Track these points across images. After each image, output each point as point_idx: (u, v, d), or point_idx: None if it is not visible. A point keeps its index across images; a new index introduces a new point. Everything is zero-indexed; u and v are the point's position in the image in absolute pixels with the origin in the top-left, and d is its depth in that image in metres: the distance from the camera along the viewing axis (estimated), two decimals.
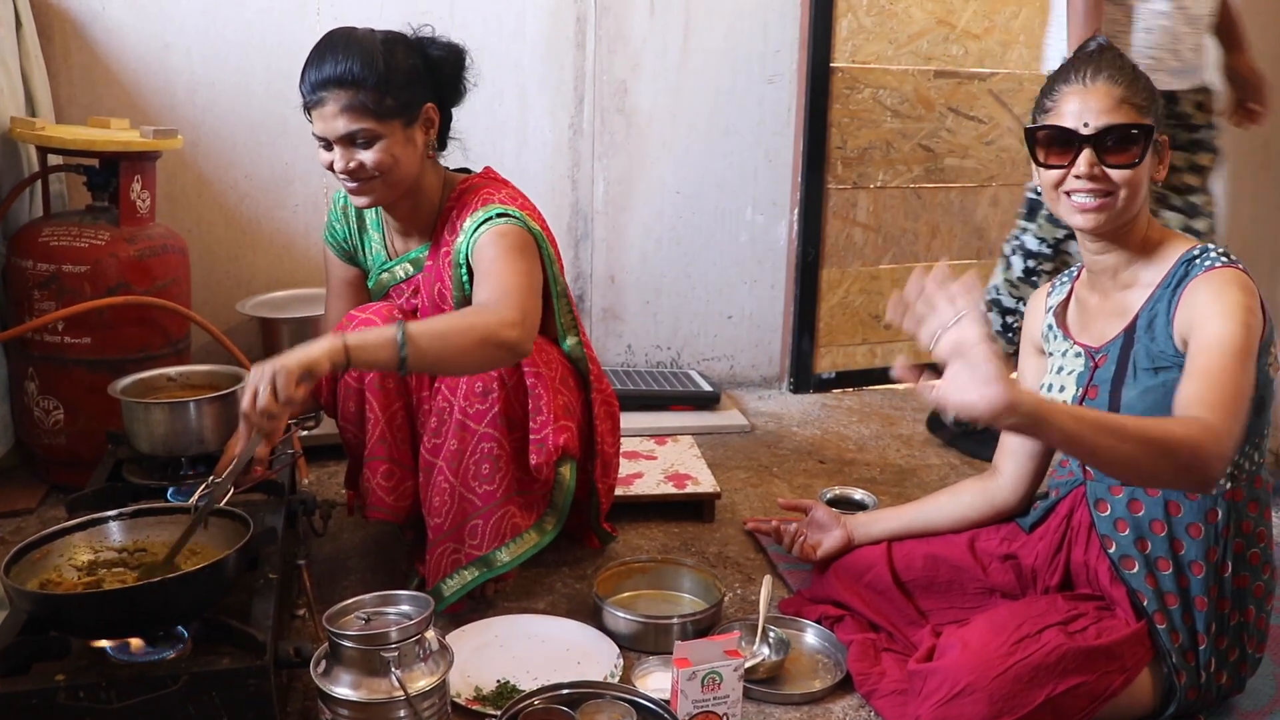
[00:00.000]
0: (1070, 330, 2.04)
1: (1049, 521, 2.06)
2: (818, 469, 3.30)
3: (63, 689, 1.57)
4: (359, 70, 2.09)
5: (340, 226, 2.48)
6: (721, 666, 1.82)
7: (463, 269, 2.24)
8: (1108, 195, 1.82)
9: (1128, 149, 1.80)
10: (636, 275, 3.94)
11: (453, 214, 2.30)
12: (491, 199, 2.26)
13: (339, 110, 2.10)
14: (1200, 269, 1.79)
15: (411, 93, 2.17)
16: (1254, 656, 1.94)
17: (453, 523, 2.22)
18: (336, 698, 1.64)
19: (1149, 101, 1.83)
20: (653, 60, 3.77)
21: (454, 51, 2.28)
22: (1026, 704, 1.71)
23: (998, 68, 4.14)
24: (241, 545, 1.77)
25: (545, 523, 2.33)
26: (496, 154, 3.65)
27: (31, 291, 2.71)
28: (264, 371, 1.76)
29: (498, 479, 2.21)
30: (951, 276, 1.72)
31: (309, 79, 2.12)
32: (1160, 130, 1.85)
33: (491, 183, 2.37)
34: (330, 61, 2.10)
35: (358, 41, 2.13)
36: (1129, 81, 1.83)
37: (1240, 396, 1.67)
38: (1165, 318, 1.81)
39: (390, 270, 2.41)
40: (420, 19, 3.44)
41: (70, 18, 3.22)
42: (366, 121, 2.11)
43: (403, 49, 2.18)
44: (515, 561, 2.25)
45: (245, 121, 3.45)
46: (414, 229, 2.37)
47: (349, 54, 2.10)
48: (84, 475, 2.44)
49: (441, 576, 2.23)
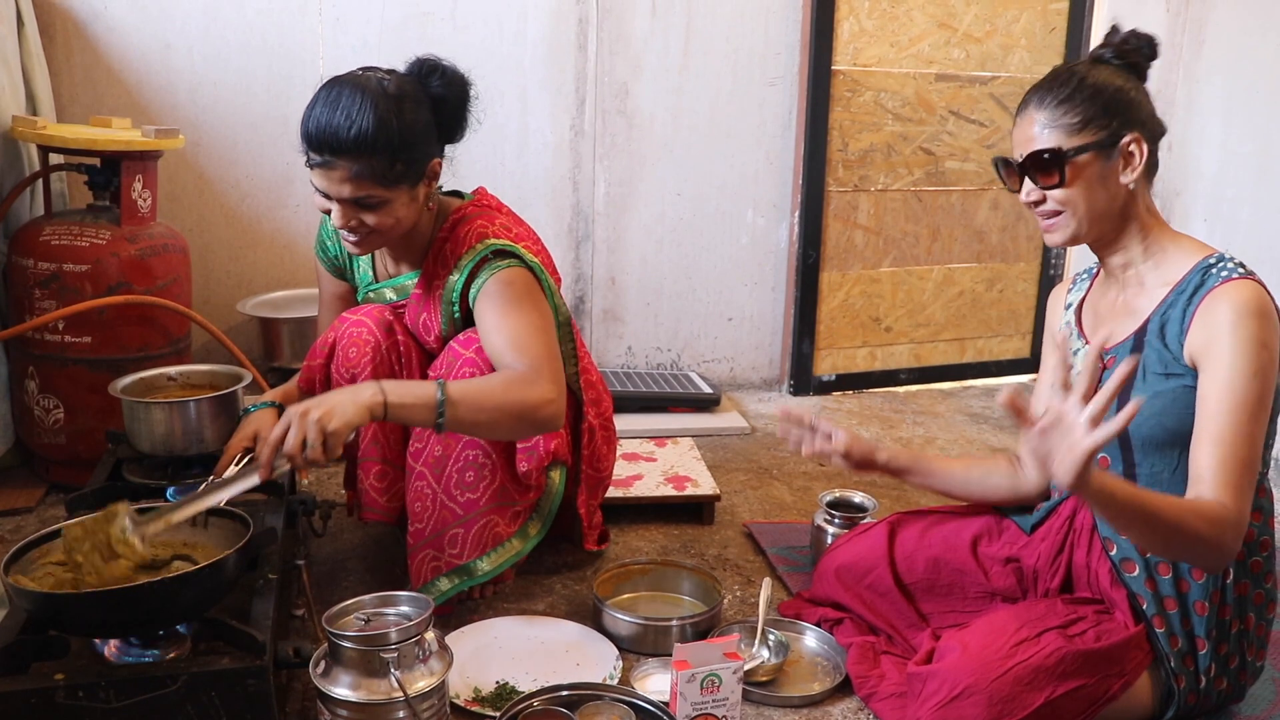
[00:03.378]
0: (1085, 330, 2.04)
1: (1051, 523, 2.06)
2: (817, 471, 3.30)
3: (62, 688, 1.56)
4: (371, 136, 1.96)
5: (331, 244, 2.46)
6: (721, 669, 1.82)
7: (454, 306, 2.22)
8: (1056, 214, 1.87)
9: (1047, 173, 1.85)
10: (637, 277, 3.94)
11: (445, 245, 2.23)
12: (486, 232, 2.21)
13: (347, 176, 2.00)
14: (1216, 280, 1.78)
15: (420, 152, 2.08)
16: (1254, 664, 1.94)
17: (433, 529, 2.22)
18: (336, 698, 1.64)
19: (1087, 113, 1.83)
20: (654, 62, 3.77)
21: (457, 86, 2.14)
22: (1025, 706, 1.70)
23: (999, 71, 4.14)
24: (241, 545, 1.77)
25: (529, 528, 2.33)
26: (498, 156, 3.66)
27: (32, 290, 2.71)
28: (311, 420, 1.80)
29: (481, 487, 2.21)
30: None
31: (314, 136, 1.99)
32: (1127, 130, 1.84)
33: (485, 211, 2.29)
34: (342, 124, 1.96)
35: (370, 101, 1.98)
36: (1058, 102, 1.84)
37: (1254, 463, 1.72)
38: (1178, 327, 1.80)
39: (377, 291, 2.39)
40: (422, 21, 3.49)
41: (72, 17, 3.22)
42: (375, 189, 2.02)
43: (411, 104, 2.05)
44: (496, 570, 2.25)
45: (246, 121, 3.45)
46: (404, 257, 2.33)
47: (361, 116, 1.96)
48: (84, 474, 2.44)
49: (422, 583, 2.23)
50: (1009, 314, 4.45)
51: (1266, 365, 1.72)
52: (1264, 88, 3.51)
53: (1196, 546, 1.67)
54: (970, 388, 4.38)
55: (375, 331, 2.28)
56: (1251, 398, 1.71)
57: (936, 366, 4.41)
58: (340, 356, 2.29)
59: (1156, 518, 1.63)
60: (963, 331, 4.41)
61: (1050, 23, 4.16)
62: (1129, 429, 1.84)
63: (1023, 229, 4.39)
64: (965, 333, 4.42)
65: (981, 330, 4.45)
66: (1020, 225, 4.38)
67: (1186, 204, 3.86)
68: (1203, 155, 3.79)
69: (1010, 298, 4.44)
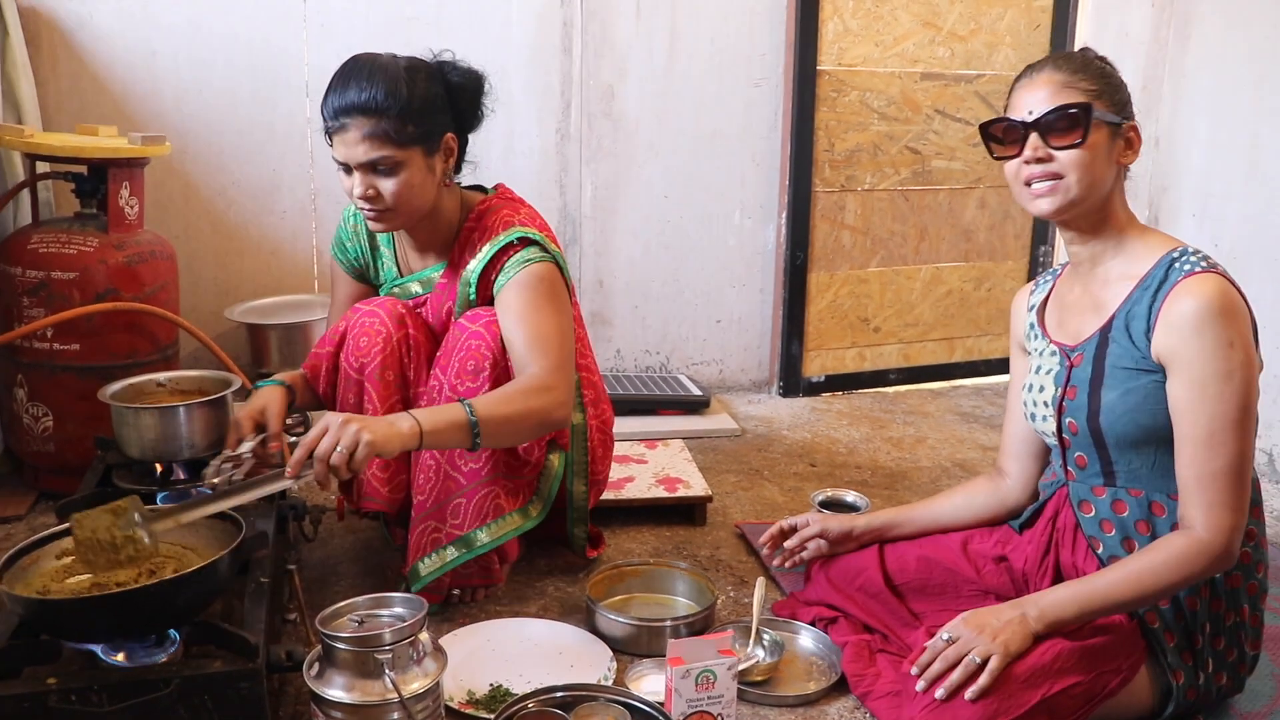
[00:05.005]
0: (1048, 328, 2.04)
1: (1037, 523, 2.07)
2: (808, 472, 3.30)
3: (54, 693, 1.56)
4: (382, 97, 2.07)
5: (352, 245, 2.48)
6: (715, 664, 1.82)
7: (471, 288, 2.27)
8: (1059, 178, 1.83)
9: (1069, 130, 1.81)
10: (625, 280, 3.95)
11: (473, 235, 2.31)
12: (511, 221, 2.28)
13: (361, 137, 2.08)
14: (1179, 274, 1.77)
15: (433, 121, 2.16)
16: (1251, 655, 1.94)
17: (435, 500, 2.23)
18: (330, 700, 1.64)
19: (1101, 86, 1.84)
20: (639, 65, 3.78)
21: (473, 78, 2.26)
22: (1022, 704, 1.70)
23: (984, 69, 4.15)
24: (233, 548, 1.76)
25: (530, 508, 2.33)
26: (484, 160, 3.61)
27: (20, 298, 2.70)
28: (350, 429, 1.83)
29: (484, 457, 2.22)
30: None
31: (331, 104, 2.10)
32: (1128, 117, 1.86)
33: (509, 203, 2.37)
34: (354, 88, 2.08)
35: (381, 68, 2.11)
36: (1075, 68, 1.85)
37: (1241, 469, 1.75)
38: (1144, 324, 1.80)
39: (402, 286, 2.42)
40: (406, 25, 3.49)
41: (57, 25, 3.21)
42: (388, 149, 2.10)
43: (424, 76, 2.16)
44: (495, 542, 2.25)
45: (233, 128, 3.45)
46: (431, 248, 2.38)
47: (373, 81, 2.08)
48: (73, 482, 2.43)
49: (420, 555, 2.24)
50: (997, 313, 4.46)
51: (1239, 364, 1.72)
52: (1251, 82, 3.52)
53: (1192, 580, 1.77)
54: (960, 387, 4.39)
55: (387, 323, 2.29)
56: (1227, 403, 1.72)
57: (926, 366, 4.41)
58: (351, 345, 2.30)
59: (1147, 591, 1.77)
60: (951, 331, 4.42)
61: (1035, 20, 4.18)
62: (1103, 427, 1.85)
63: (1010, 227, 4.41)
64: (954, 332, 4.43)
65: (970, 329, 4.45)
66: (1008, 224, 4.40)
67: (1174, 200, 3.87)
68: (1190, 151, 3.80)
69: (998, 296, 4.45)
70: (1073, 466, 1.96)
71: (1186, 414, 1.74)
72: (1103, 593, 1.77)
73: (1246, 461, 1.75)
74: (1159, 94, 3.94)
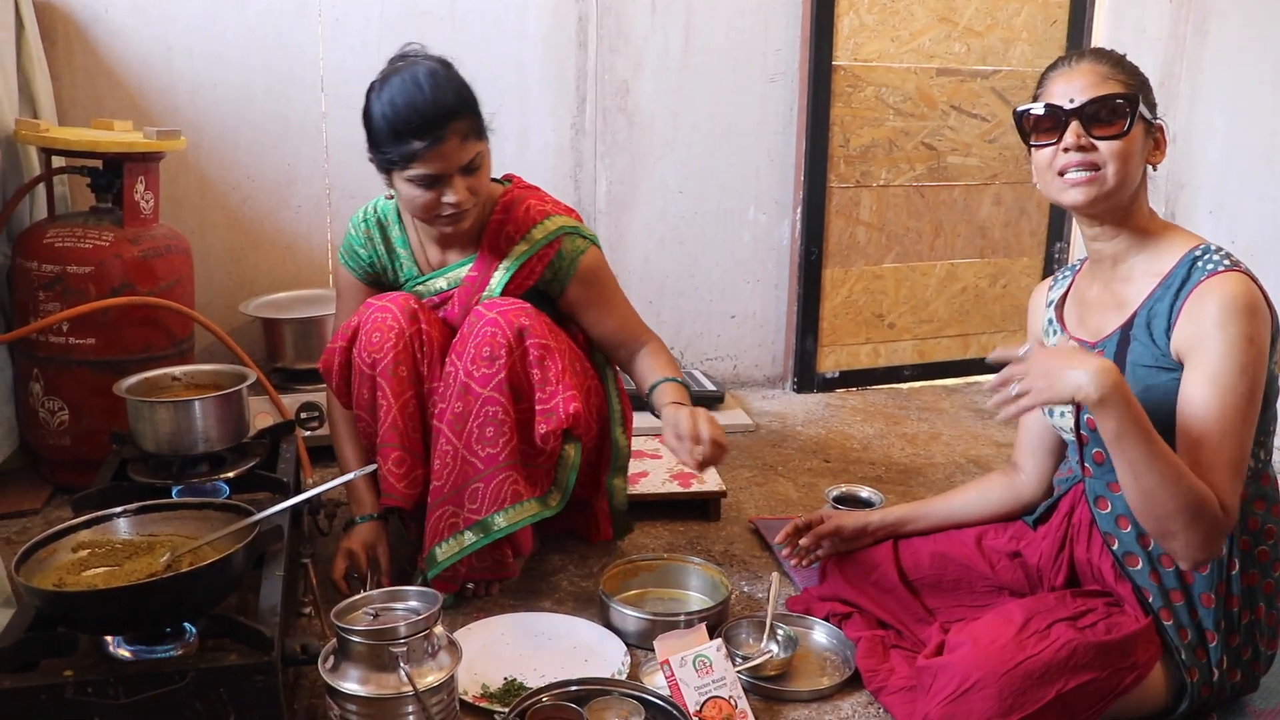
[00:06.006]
0: (1067, 324, 2.03)
1: (1052, 519, 2.06)
2: (823, 468, 3.30)
3: (71, 685, 1.56)
4: (455, 99, 2.10)
5: (365, 251, 2.45)
6: (705, 649, 1.84)
7: (509, 273, 2.33)
8: (1097, 169, 1.81)
9: (1114, 120, 1.80)
10: (639, 275, 3.94)
11: (505, 228, 2.34)
12: (545, 209, 2.37)
13: (460, 141, 2.11)
14: (1203, 273, 1.77)
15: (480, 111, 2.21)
16: (1267, 654, 1.93)
17: (453, 485, 2.22)
18: (345, 693, 1.64)
19: (1139, 82, 1.83)
20: (654, 59, 3.77)
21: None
22: (1037, 700, 1.69)
23: (1000, 65, 4.13)
24: (248, 541, 1.76)
25: (549, 498, 2.32)
26: (498, 154, 3.62)
27: (36, 292, 2.71)
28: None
29: (500, 443, 2.21)
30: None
31: (415, 120, 2.07)
32: (1156, 116, 1.86)
33: (530, 191, 2.42)
34: (434, 102, 2.08)
35: (431, 74, 2.11)
36: (1115, 62, 1.84)
37: (1242, 462, 1.74)
38: (1165, 322, 1.79)
39: (425, 284, 2.41)
40: (420, 20, 3.49)
41: (73, 20, 3.22)
42: (480, 144, 2.17)
43: (454, 72, 2.19)
44: (513, 527, 2.23)
45: (248, 123, 3.45)
46: (455, 243, 2.38)
47: (439, 87, 2.09)
48: (89, 476, 2.43)
49: (437, 540, 2.24)
50: (1013, 309, 4.44)
51: (1254, 360, 1.72)
52: (1269, 78, 3.50)
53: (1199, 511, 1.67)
54: (974, 384, 4.37)
55: (400, 318, 2.29)
56: (1239, 397, 1.71)
57: (940, 363, 4.40)
58: (363, 341, 2.29)
59: (1165, 457, 1.66)
60: (966, 327, 4.41)
61: (1051, 15, 4.16)
62: None
63: (1025, 224, 4.39)
64: (969, 328, 4.41)
65: (985, 326, 4.44)
66: (1023, 220, 4.38)
67: (1191, 196, 3.85)
68: (1208, 147, 3.79)
69: (1014, 293, 4.43)
70: (1090, 463, 1.95)
71: (1199, 404, 1.73)
72: (1159, 449, 1.66)
73: (1244, 459, 1.74)
74: (1176, 90, 3.92)
